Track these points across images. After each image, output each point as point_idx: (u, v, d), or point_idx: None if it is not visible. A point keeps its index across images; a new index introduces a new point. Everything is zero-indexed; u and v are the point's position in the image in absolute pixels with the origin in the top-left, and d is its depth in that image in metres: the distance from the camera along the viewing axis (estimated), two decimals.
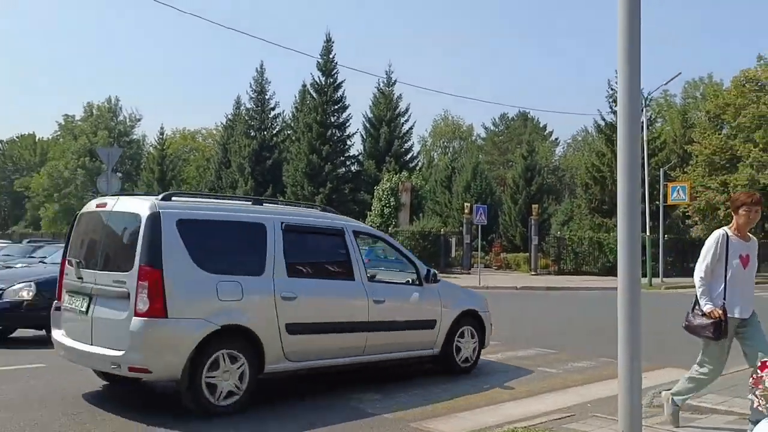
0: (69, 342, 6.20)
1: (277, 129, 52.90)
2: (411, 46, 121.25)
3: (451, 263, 36.75)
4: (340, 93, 47.09)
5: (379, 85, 48.62)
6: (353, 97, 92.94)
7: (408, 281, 7.61)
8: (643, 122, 32.45)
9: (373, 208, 39.83)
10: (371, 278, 7.17)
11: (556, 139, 75.11)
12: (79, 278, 6.24)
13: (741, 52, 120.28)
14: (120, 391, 6.70)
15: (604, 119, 41.28)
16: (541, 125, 73.00)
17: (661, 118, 53.76)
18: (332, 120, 46.93)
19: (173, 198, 6.23)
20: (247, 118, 52.05)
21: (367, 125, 49.58)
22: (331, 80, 46.56)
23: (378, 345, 7.01)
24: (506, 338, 10.84)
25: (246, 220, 6.41)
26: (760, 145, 34.17)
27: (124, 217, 6.13)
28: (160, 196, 6.11)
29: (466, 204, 38.02)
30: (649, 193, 31.88)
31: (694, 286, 5.50)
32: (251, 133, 50.87)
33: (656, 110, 54.34)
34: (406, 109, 49.96)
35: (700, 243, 34.31)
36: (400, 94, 49.76)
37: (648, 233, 30.84)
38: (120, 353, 5.61)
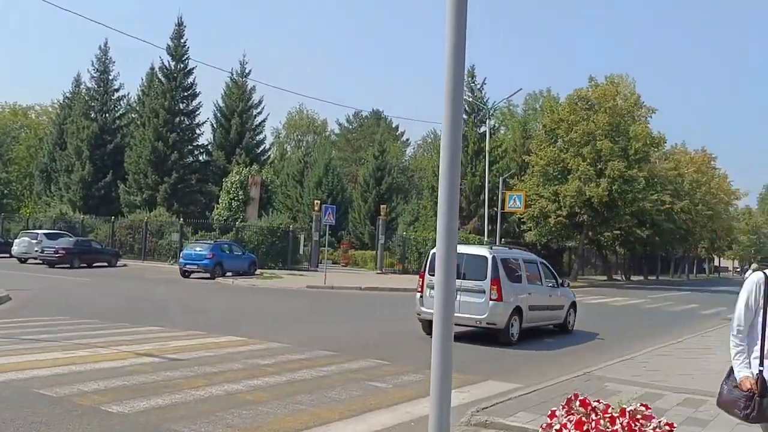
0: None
1: (120, 112, 50.04)
2: (267, 39, 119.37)
3: (299, 260, 36.67)
4: (190, 80, 45.39)
5: (232, 74, 47.38)
6: (207, 87, 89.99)
7: (553, 285, 14.84)
8: (486, 132, 34.16)
9: (220, 201, 38.82)
10: (545, 284, 14.48)
11: (407, 139, 77.20)
12: None
13: (580, 70, 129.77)
14: None
15: None
16: (393, 125, 74.60)
17: (504, 126, 56.76)
18: (181, 107, 45.14)
19: (493, 247, 14.12)
20: (87, 98, 48.74)
21: (218, 115, 48.21)
22: (182, 66, 44.73)
23: (549, 316, 14.64)
24: (343, 348, 10.96)
25: (521, 257, 14.10)
26: (588, 160, 37.06)
27: (477, 257, 12.76)
28: (491, 247, 14.47)
29: (316, 201, 38.08)
30: (489, 198, 33.61)
31: None
32: (91, 114, 47.71)
33: (500, 119, 57.33)
34: (260, 101, 49.13)
35: (532, 247, 36.63)
36: (254, 86, 48.83)
37: (486, 237, 32.52)
38: (482, 317, 12.42)
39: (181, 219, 36.34)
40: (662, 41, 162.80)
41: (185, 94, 45.17)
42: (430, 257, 12.89)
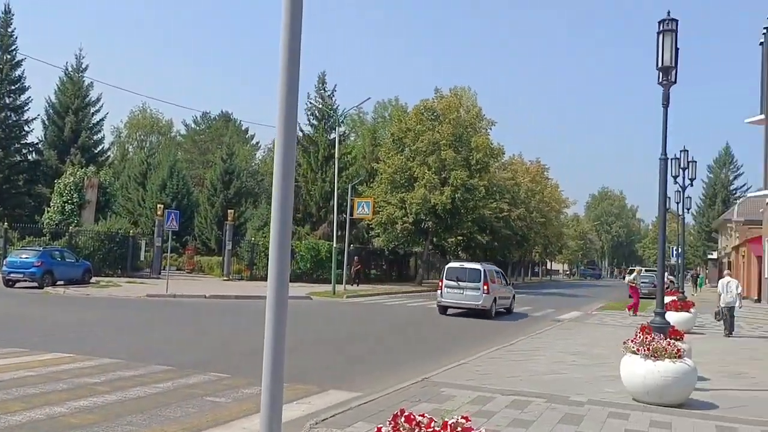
0: (451, 301, 22.02)
1: None
2: (110, 35, 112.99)
3: (140, 266, 34.93)
4: (18, 72, 41.85)
5: (66, 69, 44.28)
6: (41, 82, 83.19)
7: (505, 284, 24.72)
8: (336, 138, 34.40)
9: (52, 204, 36.05)
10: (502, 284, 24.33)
11: (258, 143, 75.97)
12: (456, 283, 21.81)
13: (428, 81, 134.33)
14: None
15: (302, 130, 42.76)
16: (243, 128, 73.12)
17: (354, 133, 57.51)
18: (7, 101, 41.52)
19: (482, 263, 23.64)
20: None
21: (51, 112, 44.86)
22: (8, 57, 41.16)
23: (505, 303, 23.69)
24: (181, 362, 10.54)
25: (493, 269, 23.82)
26: (433, 169, 38.46)
27: (474, 269, 22.19)
28: (481, 263, 23.98)
29: (159, 205, 36.45)
30: (339, 204, 33.87)
31: (372, 294, 5.35)
32: None
33: (351, 126, 58.03)
34: (98, 98, 46.31)
35: (381, 252, 37.18)
36: (92, 82, 45.95)
37: (335, 242, 32.72)
38: (479, 303, 21.48)
39: (6, 223, 33.36)
40: (500, 60, 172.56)
41: (12, 87, 41.63)
42: (446, 270, 22.59)
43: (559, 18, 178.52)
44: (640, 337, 8.76)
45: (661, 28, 9.79)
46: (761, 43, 31.19)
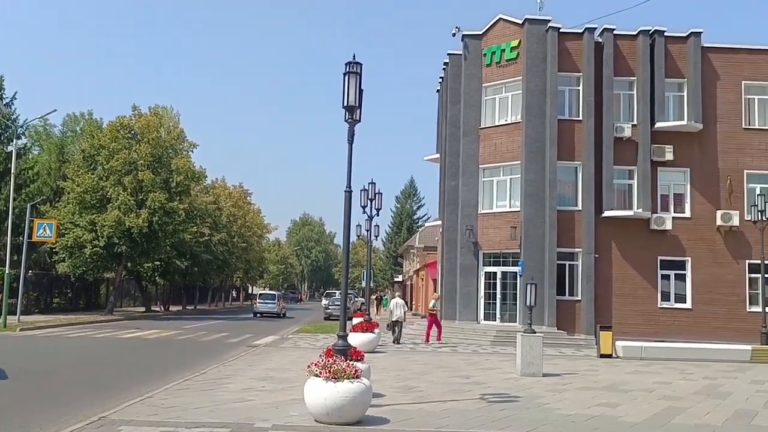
0: (262, 310, 46.09)
1: None
2: None
3: None
4: None
5: None
6: None
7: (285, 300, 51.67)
8: (12, 151, 30.64)
9: None
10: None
11: None
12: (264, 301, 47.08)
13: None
14: None
15: None
16: None
17: (39, 147, 51.91)
18: None
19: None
20: None
21: None
22: None
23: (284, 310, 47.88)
24: None
25: (280, 294, 54.64)
26: (129, 189, 36.34)
27: (272, 293, 50.62)
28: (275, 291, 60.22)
29: None
30: (15, 226, 30.16)
31: (54, 325, 4.80)
32: None
33: (35, 139, 52.29)
34: None
35: (66, 279, 33.93)
36: None
37: (8, 268, 29.03)
38: (275, 310, 46.28)
39: None
40: (207, 82, 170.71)
41: None
42: (258, 295, 42.66)
43: (270, 48, 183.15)
44: (323, 360, 9.18)
45: (347, 69, 10.52)
46: (438, 91, 35.41)
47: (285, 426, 8.67)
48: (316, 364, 9.04)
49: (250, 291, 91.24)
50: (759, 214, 24.54)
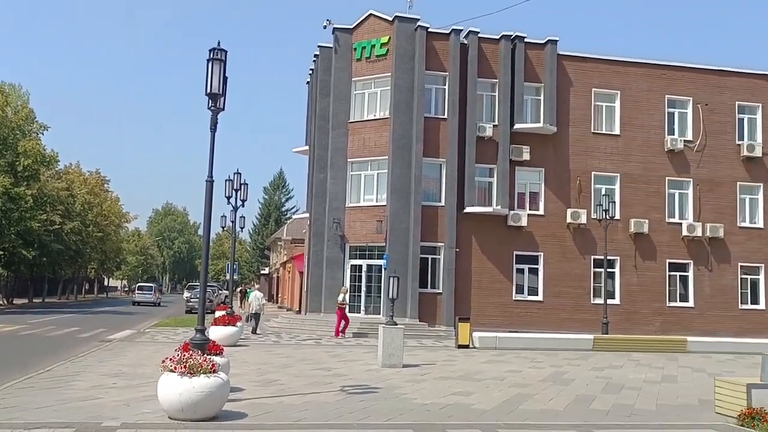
0: (140, 299, 52.69)
1: None
2: None
3: None
4: None
5: None
6: None
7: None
8: None
9: None
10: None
11: None
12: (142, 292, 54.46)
13: None
14: None
15: None
16: None
17: None
18: None
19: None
20: None
21: None
22: None
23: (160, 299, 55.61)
24: None
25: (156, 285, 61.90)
26: None
27: (150, 285, 57.85)
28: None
29: None
30: None
31: None
32: None
33: None
34: None
35: None
36: None
37: None
38: (152, 299, 53.78)
39: None
40: (64, 62, 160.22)
41: None
42: (137, 286, 48.21)
43: (130, 28, 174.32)
44: (178, 354, 8.88)
45: (211, 56, 10.21)
46: (308, 82, 35.22)
47: (135, 424, 8.31)
48: (171, 359, 8.74)
49: (106, 283, 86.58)
50: (603, 213, 26.44)
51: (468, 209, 27.99)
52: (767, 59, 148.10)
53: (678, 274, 29.71)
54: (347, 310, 25.34)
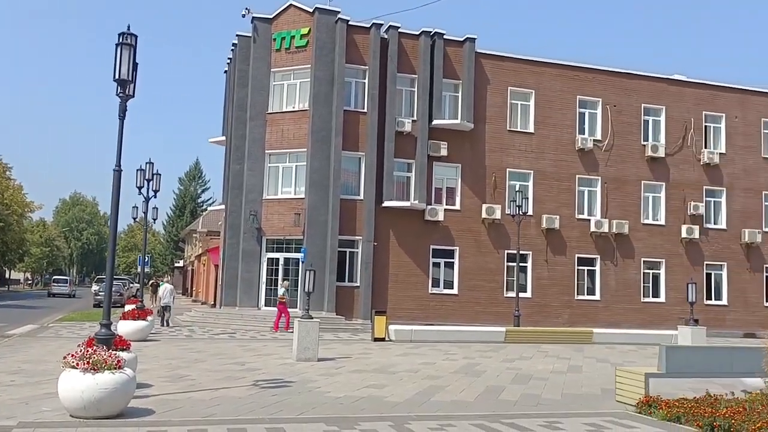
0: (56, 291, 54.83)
1: None
2: None
3: None
4: None
5: None
6: None
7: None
8: None
9: None
10: None
11: None
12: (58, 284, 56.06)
13: None
14: None
15: None
16: None
17: None
18: None
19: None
20: None
21: None
22: None
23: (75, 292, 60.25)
24: None
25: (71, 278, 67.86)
26: None
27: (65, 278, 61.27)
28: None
29: None
30: None
31: None
32: None
33: None
34: None
35: None
36: None
37: None
38: (67, 291, 55.70)
39: None
40: None
41: None
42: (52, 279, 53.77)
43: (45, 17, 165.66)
44: (81, 350, 8.53)
45: (120, 41, 9.82)
46: (225, 72, 34.49)
47: (33, 423, 7.93)
48: (73, 355, 8.39)
49: (7, 276, 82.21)
50: (517, 209, 27.16)
51: (386, 203, 28.15)
52: (673, 64, 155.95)
53: (586, 268, 30.90)
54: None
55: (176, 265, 75.67)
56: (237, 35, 30.46)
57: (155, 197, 22.32)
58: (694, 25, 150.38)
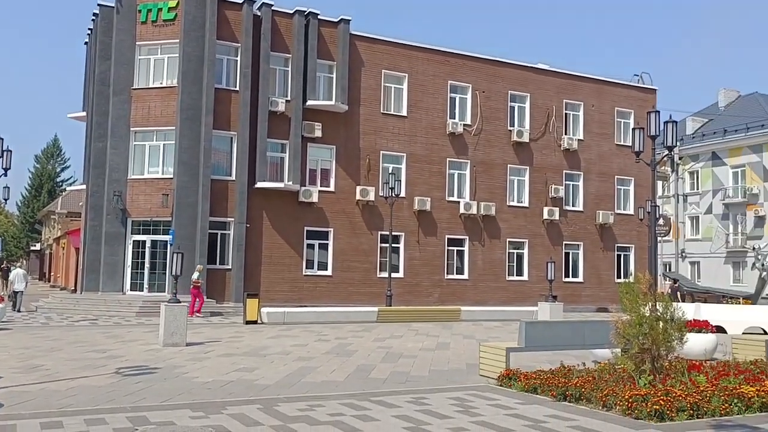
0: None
1: None
2: None
3: None
4: None
5: None
6: None
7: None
8: None
9: None
10: None
11: None
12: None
13: None
14: None
15: None
16: None
17: None
18: None
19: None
20: None
21: None
22: None
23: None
24: None
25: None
26: None
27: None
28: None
29: None
30: None
31: None
32: None
33: None
34: None
35: None
36: None
37: None
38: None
39: None
40: None
41: None
42: None
43: None
44: None
45: None
46: (86, 43, 32.40)
47: None
48: None
49: None
50: (390, 191, 27.57)
51: (259, 184, 27.68)
52: (541, 52, 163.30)
53: (455, 248, 31.96)
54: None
55: (32, 248, 70.77)
56: (99, 5, 28.66)
57: (6, 176, 20.65)
58: (561, 16, 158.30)
